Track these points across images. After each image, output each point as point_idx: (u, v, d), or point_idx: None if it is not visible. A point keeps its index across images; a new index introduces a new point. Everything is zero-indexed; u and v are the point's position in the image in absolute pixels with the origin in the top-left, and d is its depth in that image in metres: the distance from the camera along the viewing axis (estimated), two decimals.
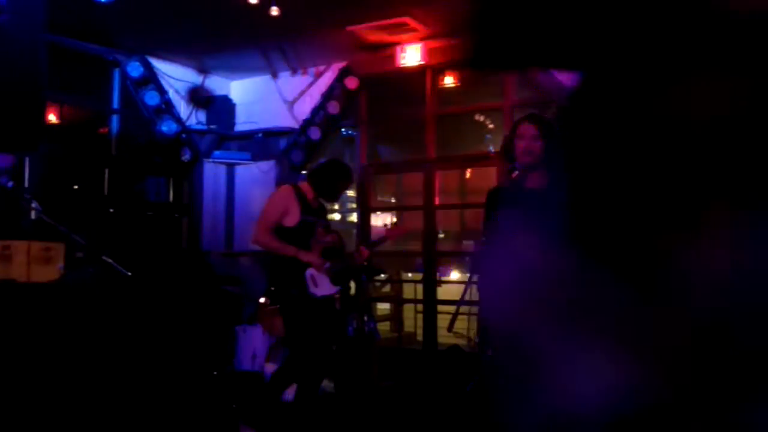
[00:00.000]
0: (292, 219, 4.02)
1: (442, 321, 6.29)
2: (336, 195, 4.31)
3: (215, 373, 4.42)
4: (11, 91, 3.29)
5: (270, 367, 4.84)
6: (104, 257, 3.74)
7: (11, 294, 3.99)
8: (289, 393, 4.67)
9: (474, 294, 3.07)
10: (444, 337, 6.18)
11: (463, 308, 3.03)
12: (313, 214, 4.14)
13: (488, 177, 6.40)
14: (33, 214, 4.06)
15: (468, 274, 3.05)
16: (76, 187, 6.17)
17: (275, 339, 5.34)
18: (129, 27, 5.72)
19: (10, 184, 3.81)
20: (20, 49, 3.30)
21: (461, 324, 3.07)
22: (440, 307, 6.30)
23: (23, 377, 3.90)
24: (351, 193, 7.87)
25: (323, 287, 4.06)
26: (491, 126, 7.07)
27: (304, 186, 4.21)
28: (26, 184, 5.37)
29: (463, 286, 3.08)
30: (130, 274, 3.64)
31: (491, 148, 6.22)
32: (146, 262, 5.31)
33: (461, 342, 5.47)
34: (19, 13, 3.24)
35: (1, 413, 3.73)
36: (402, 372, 5.75)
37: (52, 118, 6.02)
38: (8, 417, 3.74)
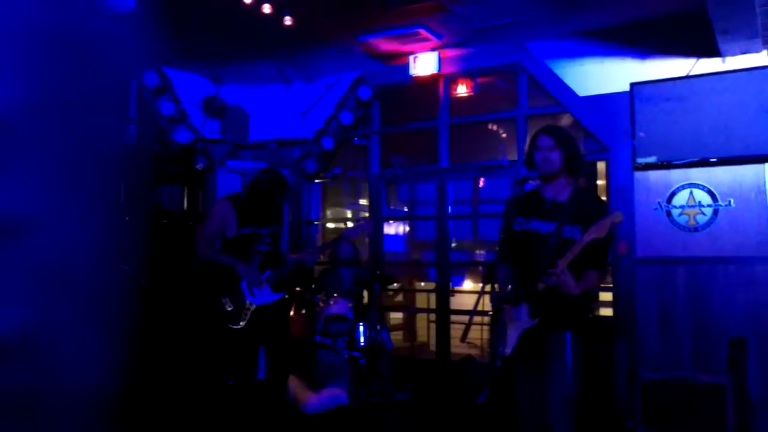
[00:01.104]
0: (230, 231, 4.27)
1: (455, 331, 6.26)
2: (265, 204, 4.35)
3: (230, 383, 4.43)
4: None
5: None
6: (120, 265, 3.76)
7: None
8: (306, 402, 4.67)
9: (486, 304, 3.06)
10: (457, 347, 6.16)
11: (477, 318, 3.02)
12: (254, 224, 4.30)
13: (501, 187, 6.38)
14: None
15: (481, 284, 3.05)
16: None
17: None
18: (145, 37, 5.77)
19: None
20: None
21: (475, 334, 3.06)
22: (453, 317, 6.28)
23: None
24: (364, 202, 7.88)
25: (262, 296, 4.31)
26: (504, 135, 7.06)
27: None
28: None
29: (475, 296, 3.07)
30: (145, 282, 3.67)
31: (504, 158, 6.21)
32: (161, 270, 5.33)
33: (474, 352, 5.45)
34: None
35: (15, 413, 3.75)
36: (415, 382, 5.73)
37: None
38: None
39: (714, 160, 4.89)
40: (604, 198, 5.63)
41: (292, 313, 5.40)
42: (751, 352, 4.67)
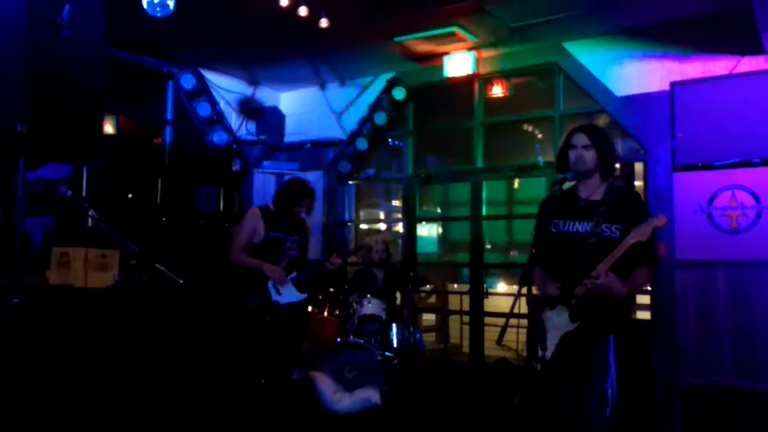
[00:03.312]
0: (258, 237, 4.56)
1: (489, 333, 6.22)
2: (288, 212, 4.65)
3: (262, 382, 4.46)
4: (72, 102, 3.40)
5: (316, 376, 4.85)
6: (157, 265, 3.82)
7: (69, 298, 4.12)
8: (339, 403, 4.68)
9: (523, 306, 3.02)
10: (490, 349, 6.11)
11: (512, 321, 2.99)
12: (282, 230, 4.62)
13: (537, 188, 6.32)
14: (90, 222, 4.19)
15: (517, 286, 3.01)
16: (130, 196, 6.33)
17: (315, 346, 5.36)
18: (183, 40, 5.87)
19: (69, 193, 3.93)
20: (81, 62, 3.41)
21: (510, 336, 3.03)
22: (487, 319, 6.23)
23: (80, 377, 4.01)
24: (397, 203, 7.87)
25: (287, 295, 4.56)
26: (540, 136, 6.98)
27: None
28: (84, 193, 5.53)
29: (510, 298, 3.04)
30: (181, 281, 3.72)
31: (540, 159, 6.14)
32: (197, 270, 5.40)
33: (508, 355, 5.39)
34: (80, 29, 3.35)
35: (57, 409, 3.83)
36: (449, 384, 5.70)
37: (108, 128, 6.19)
38: (64, 412, 3.85)
39: (757, 161, 4.76)
40: None
41: (326, 313, 5.42)
42: None
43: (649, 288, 5.34)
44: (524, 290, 3.02)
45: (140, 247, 3.94)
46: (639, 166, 5.77)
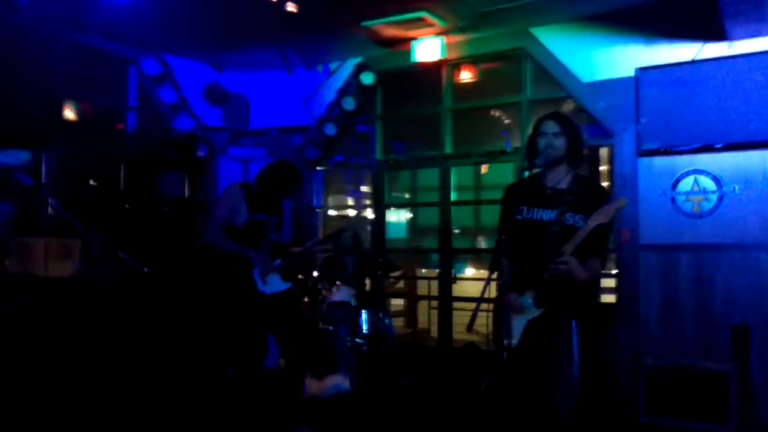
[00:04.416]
0: (240, 218, 4.14)
1: (458, 318, 6.26)
2: (276, 195, 4.31)
3: (231, 371, 4.42)
4: (30, 88, 3.31)
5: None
6: (120, 253, 3.74)
7: (30, 288, 4.02)
8: (308, 389, 4.67)
9: (493, 291, 3.04)
10: (459, 334, 6.16)
11: (482, 305, 3.00)
12: (264, 212, 4.22)
13: (504, 173, 6.35)
14: (50, 211, 4.08)
15: (486, 271, 3.02)
16: (92, 182, 6.19)
17: None
18: (146, 25, 5.73)
19: (29, 181, 3.83)
20: (39, 46, 3.32)
21: (479, 321, 3.05)
22: (455, 304, 6.27)
23: (42, 370, 3.92)
24: (366, 189, 7.86)
25: (273, 285, 4.21)
26: (508, 121, 7.02)
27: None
28: (44, 181, 5.39)
29: (478, 283, 3.06)
30: (146, 270, 3.64)
31: (507, 144, 6.17)
32: (162, 258, 5.32)
33: (477, 339, 5.44)
34: (40, 12, 3.26)
35: (17, 404, 3.75)
36: (418, 369, 5.73)
37: (69, 114, 6.04)
38: (23, 408, 3.77)
39: (719, 146, 4.84)
40: (606, 183, 5.60)
41: None
42: (755, 340, 4.65)
43: (614, 271, 5.42)
44: (494, 275, 3.03)
45: (104, 235, 3.86)
46: (605, 151, 5.84)
